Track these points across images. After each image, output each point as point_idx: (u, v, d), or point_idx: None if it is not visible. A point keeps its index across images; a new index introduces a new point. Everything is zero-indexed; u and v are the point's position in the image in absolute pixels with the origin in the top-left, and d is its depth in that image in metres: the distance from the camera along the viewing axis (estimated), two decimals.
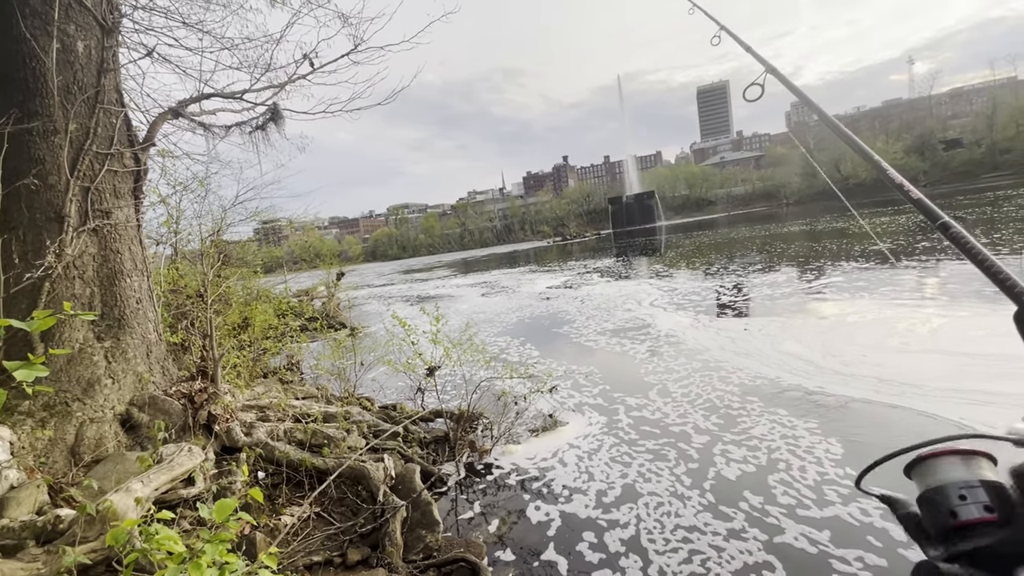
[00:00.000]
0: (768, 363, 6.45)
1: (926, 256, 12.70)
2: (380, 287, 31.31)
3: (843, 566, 2.85)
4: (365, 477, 3.69)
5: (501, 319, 12.91)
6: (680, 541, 3.29)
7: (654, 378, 6.53)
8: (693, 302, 11.43)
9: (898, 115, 74.27)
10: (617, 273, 19.95)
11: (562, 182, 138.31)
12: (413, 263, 67.16)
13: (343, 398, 5.87)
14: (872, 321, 7.70)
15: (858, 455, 4.03)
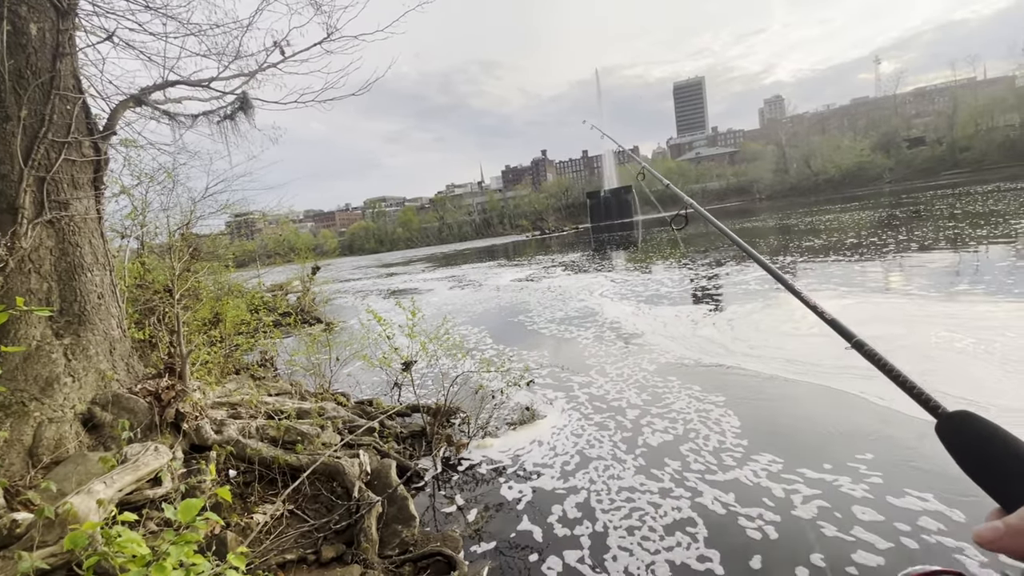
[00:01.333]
0: (689, 346, 7.31)
1: (852, 252, 13.60)
2: (357, 281, 30.91)
3: (747, 522, 3.26)
4: (340, 473, 3.65)
5: (467, 310, 13.56)
6: (623, 501, 3.70)
7: (594, 360, 7.20)
8: (638, 292, 12.46)
9: (865, 113, 76.55)
10: (579, 267, 20.74)
11: (541, 176, 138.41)
12: (391, 257, 66.48)
13: (318, 394, 5.79)
14: (781, 310, 8.64)
15: (753, 425, 4.63)
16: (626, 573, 2.94)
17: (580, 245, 35.13)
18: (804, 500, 3.41)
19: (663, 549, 3.10)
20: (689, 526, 3.30)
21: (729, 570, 2.87)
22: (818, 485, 3.57)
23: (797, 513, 3.28)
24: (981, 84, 71.38)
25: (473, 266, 29.34)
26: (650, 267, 17.81)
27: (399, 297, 19.06)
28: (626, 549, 3.15)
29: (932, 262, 10.98)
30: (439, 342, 5.13)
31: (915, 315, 7.22)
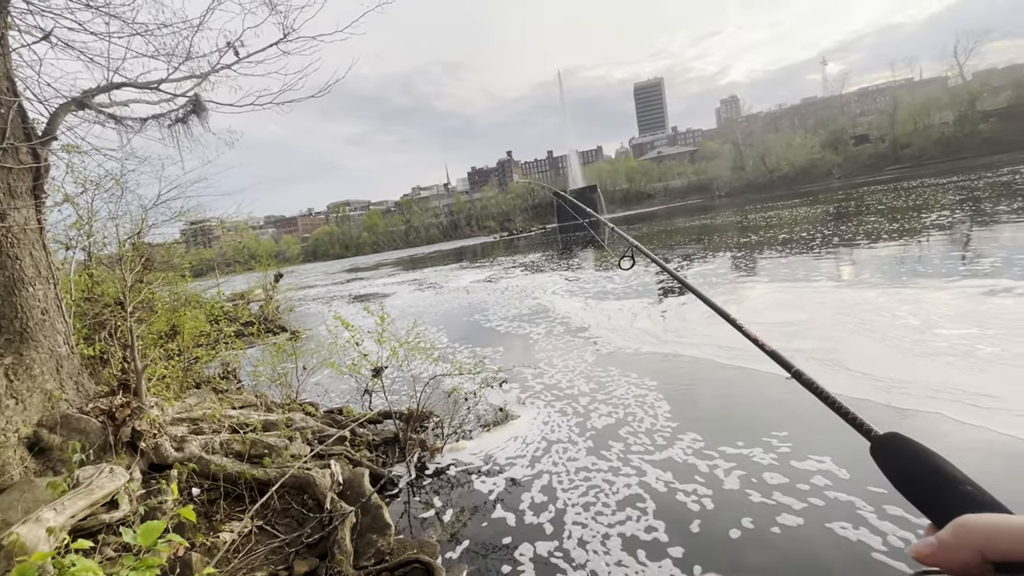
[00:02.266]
0: (628, 337, 7.94)
1: (784, 246, 14.55)
2: (322, 287, 30.23)
3: (685, 496, 3.58)
4: (310, 485, 3.55)
5: (429, 311, 13.97)
6: (581, 480, 4.00)
7: (543, 354, 7.73)
8: (587, 289, 13.23)
9: (815, 112, 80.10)
10: (538, 267, 21.45)
11: (507, 177, 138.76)
12: (357, 262, 65.34)
13: (285, 405, 5.62)
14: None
15: (681, 408, 5.10)
16: (585, 549, 3.18)
17: (545, 245, 35.41)
18: (726, 472, 3.79)
19: (616, 523, 3.39)
20: (639, 501, 3.60)
21: (673, 538, 3.16)
22: (737, 459, 3.95)
23: (726, 485, 3.63)
24: (918, 84, 75.81)
25: (437, 269, 29.50)
26: (603, 265, 18.66)
27: (365, 302, 19.06)
28: (583, 524, 3.43)
29: (845, 255, 12.14)
30: (409, 346, 5.06)
31: (821, 301, 8.16)
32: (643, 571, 2.92)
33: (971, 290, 7.33)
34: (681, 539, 3.14)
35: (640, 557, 3.03)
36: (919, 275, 8.79)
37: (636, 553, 3.07)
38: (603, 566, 3.00)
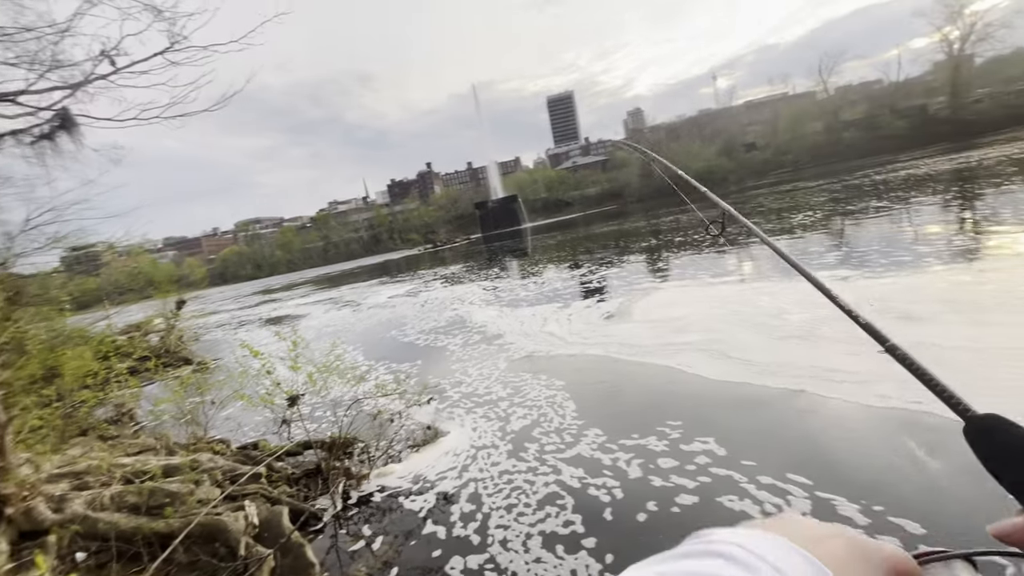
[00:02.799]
0: (538, 341, 8.39)
1: (678, 248, 16.04)
2: (231, 312, 28.05)
3: (596, 490, 3.79)
4: (221, 531, 3.26)
5: (346, 331, 13.81)
6: (504, 483, 4.16)
7: (458, 365, 7.96)
8: (502, 298, 13.75)
9: (709, 123, 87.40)
10: (457, 278, 21.74)
11: (428, 189, 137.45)
12: (271, 282, 61.51)
13: (190, 445, 5.13)
14: (608, 304, 10.21)
15: (586, 405, 5.44)
16: (507, 549, 3.30)
17: (470, 256, 35.49)
18: (627, 463, 4.08)
19: (537, 521, 3.55)
20: (557, 499, 3.78)
21: (588, 529, 3.36)
22: (635, 449, 4.28)
23: (629, 475, 3.92)
24: (793, 98, 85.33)
25: (355, 286, 28.83)
26: (519, 274, 19.32)
27: (278, 325, 18.21)
28: (506, 526, 3.55)
29: (722, 254, 13.50)
30: (328, 370, 4.82)
31: (701, 298, 9.08)
32: (561, 564, 3.07)
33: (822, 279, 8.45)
34: (595, 529, 3.34)
35: (559, 551, 3.19)
36: (776, 270, 10.00)
37: (555, 548, 3.23)
38: (522, 565, 3.11)
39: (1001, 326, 5.10)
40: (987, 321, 5.33)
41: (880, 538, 0.46)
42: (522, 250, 31.40)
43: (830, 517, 3.00)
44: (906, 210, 14.22)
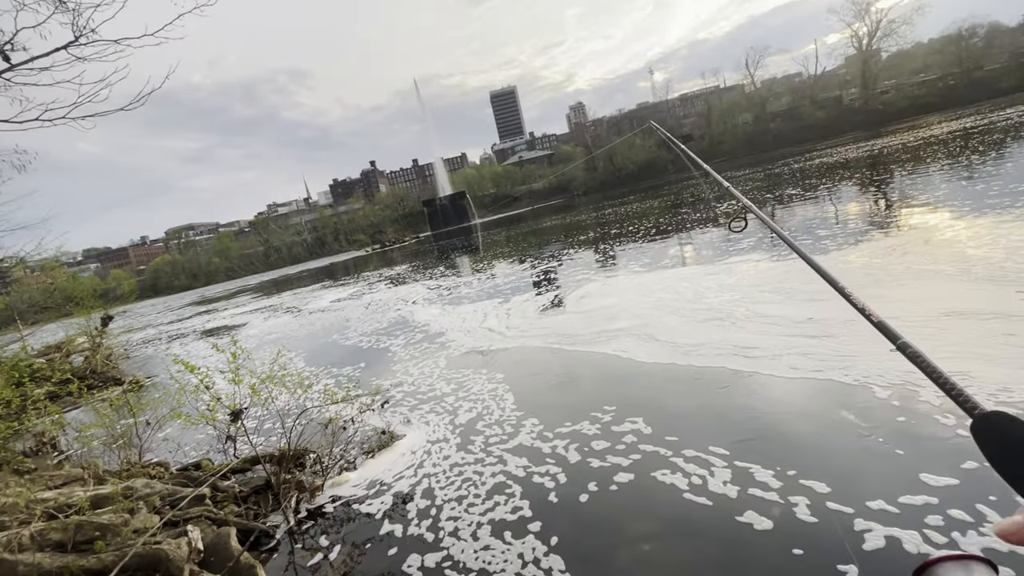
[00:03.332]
0: (478, 337, 8.54)
1: (633, 239, 16.30)
2: (167, 325, 26.30)
3: (540, 477, 3.93)
4: (162, 561, 3.05)
5: (289, 337, 13.49)
6: (455, 476, 4.25)
7: (400, 365, 8.00)
8: (444, 296, 13.88)
9: (648, 115, 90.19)
10: (402, 278, 21.72)
11: (373, 188, 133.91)
12: (210, 291, 58.19)
13: (123, 471, 4.77)
14: (543, 298, 10.58)
15: (524, 396, 5.63)
16: (460, 539, 3.38)
17: (420, 255, 34.98)
18: (565, 448, 4.26)
19: (487, 510, 3.64)
20: (505, 488, 3.89)
21: (536, 512, 3.50)
22: (571, 435, 4.46)
23: (569, 459, 4.09)
24: (723, 91, 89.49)
25: (296, 292, 28.01)
26: (464, 271, 19.47)
27: (215, 337, 17.36)
28: (456, 517, 3.64)
29: (648, 245, 14.38)
30: (272, 381, 4.60)
31: (628, 287, 9.62)
32: (508, 549, 3.17)
33: (729, 264, 9.36)
34: (542, 514, 3.47)
35: (507, 538, 3.29)
36: (692, 260, 10.91)
37: (503, 535, 3.33)
38: (472, 555, 3.19)
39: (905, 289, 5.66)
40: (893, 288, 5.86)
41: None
42: (471, 247, 31.28)
43: (747, 483, 3.27)
44: (827, 194, 15.34)
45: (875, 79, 66.82)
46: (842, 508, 2.84)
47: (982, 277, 5.70)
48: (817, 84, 72.46)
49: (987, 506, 2.61)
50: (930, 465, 3.04)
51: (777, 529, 2.81)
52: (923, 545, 2.46)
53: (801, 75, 76.58)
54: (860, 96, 67.48)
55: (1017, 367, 3.79)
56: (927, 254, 7.08)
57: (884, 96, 66.25)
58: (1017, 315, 4.59)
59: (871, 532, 2.61)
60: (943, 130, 28.40)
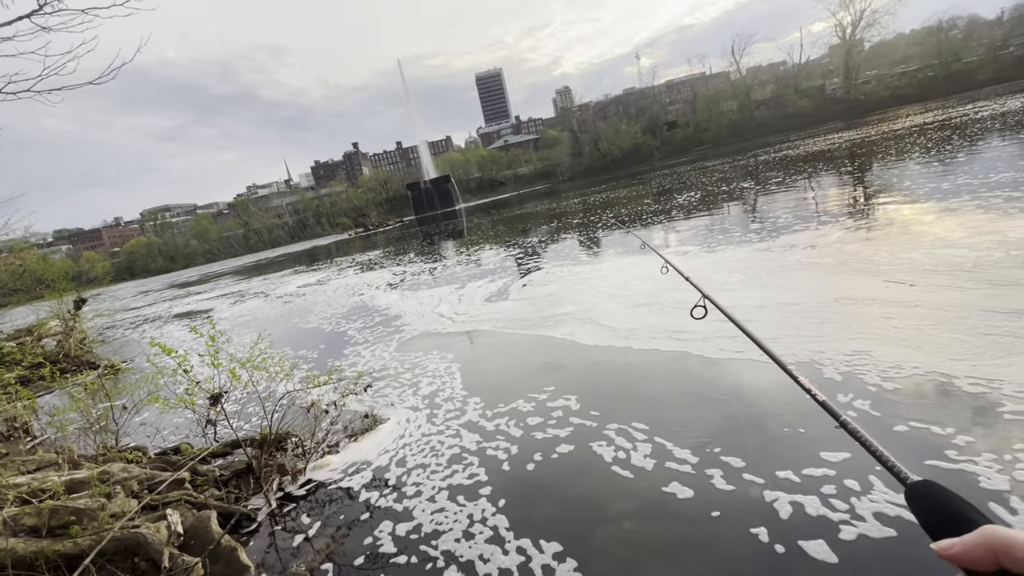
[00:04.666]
0: (430, 321, 8.99)
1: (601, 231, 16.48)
2: (143, 308, 25.71)
3: (493, 451, 4.18)
4: (140, 544, 3.02)
5: (260, 319, 13.91)
6: (424, 444, 4.53)
7: (363, 348, 8.28)
8: (407, 281, 14.37)
9: (634, 101, 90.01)
10: (373, 264, 22.00)
11: (356, 170, 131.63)
12: (188, 274, 56.98)
13: (99, 456, 4.69)
14: (495, 284, 11.05)
15: (471, 375, 5.99)
16: (424, 499, 3.68)
17: (402, 239, 34.65)
18: (507, 425, 4.55)
19: (448, 475, 3.94)
20: (463, 458, 4.17)
21: (490, 478, 3.79)
22: (511, 412, 4.77)
23: (513, 434, 4.39)
24: (709, 78, 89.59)
25: (267, 278, 27.90)
26: (434, 257, 19.70)
27: (188, 320, 17.36)
28: (420, 483, 3.91)
29: (596, 237, 14.92)
30: (253, 365, 4.54)
31: (567, 275, 10.21)
32: (461, 511, 3.46)
33: (653, 257, 9.88)
34: (496, 478, 3.79)
35: (460, 500, 3.59)
36: (622, 253, 11.48)
37: (457, 498, 3.62)
38: (428, 515, 3.47)
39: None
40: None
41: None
42: (454, 232, 31.07)
43: (665, 458, 3.55)
44: (807, 182, 15.55)
45: (857, 69, 67.55)
46: (755, 479, 3.13)
47: (857, 269, 6.48)
48: (801, 73, 72.95)
49: (875, 475, 2.92)
50: (827, 443, 3.30)
51: (697, 496, 3.10)
52: (820, 508, 2.78)
53: (786, 63, 76.98)
54: (842, 86, 68.20)
55: (903, 346, 4.26)
56: (819, 248, 7.87)
57: (866, 86, 67.07)
58: (890, 301, 5.24)
59: (778, 500, 2.91)
60: (908, 124, 29.00)
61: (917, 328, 4.50)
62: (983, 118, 21.94)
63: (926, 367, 3.89)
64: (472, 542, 3.16)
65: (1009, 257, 5.60)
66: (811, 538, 2.59)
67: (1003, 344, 3.92)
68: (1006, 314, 4.35)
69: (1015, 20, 61.80)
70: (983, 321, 4.32)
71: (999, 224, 6.85)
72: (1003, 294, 4.76)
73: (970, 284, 5.15)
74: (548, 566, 2.81)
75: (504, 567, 2.88)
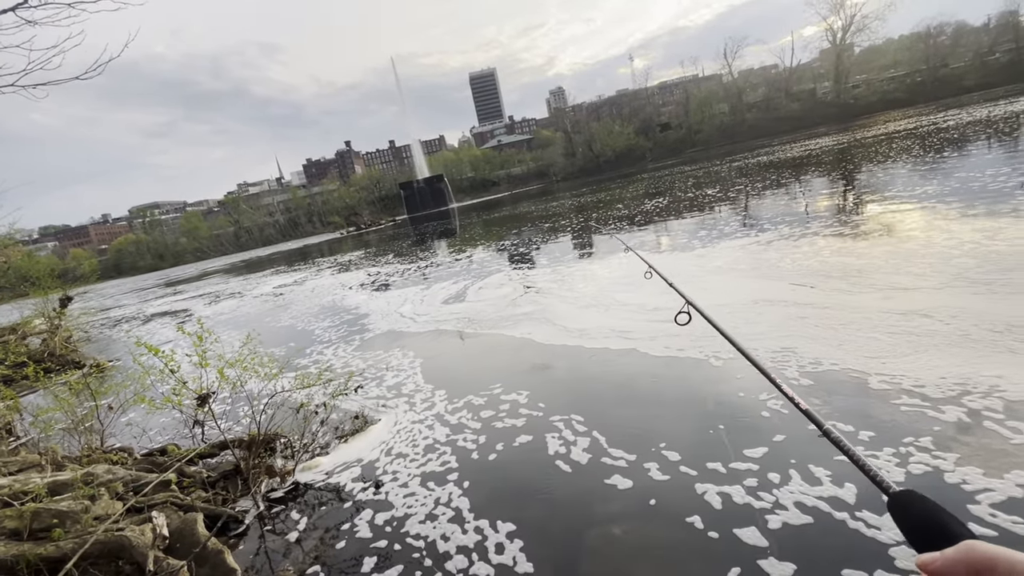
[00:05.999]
0: (392, 321, 9.35)
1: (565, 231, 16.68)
2: (130, 307, 25.37)
3: (465, 442, 4.37)
4: (124, 547, 2.98)
5: (236, 319, 14.23)
6: (409, 433, 4.75)
7: (331, 347, 8.55)
8: (380, 282, 14.82)
9: (627, 102, 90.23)
10: (351, 265, 22.39)
11: (348, 169, 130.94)
12: (178, 272, 56.41)
13: (83, 457, 4.62)
14: (457, 285, 11.47)
15: (432, 372, 6.26)
16: (415, 500, 3.70)
17: (396, 239, 34.49)
18: (468, 418, 4.79)
19: (439, 479, 3.95)
20: (436, 448, 4.38)
21: (460, 463, 4.03)
22: (470, 406, 5.03)
23: (472, 425, 4.64)
24: (702, 80, 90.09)
25: (247, 277, 28.07)
26: (414, 258, 19.94)
27: (165, 318, 17.52)
28: (410, 485, 3.92)
29: (562, 242, 15.18)
30: (242, 365, 4.49)
31: (518, 278, 10.72)
32: (430, 495, 3.67)
33: (596, 262, 10.86)
34: (465, 463, 4.03)
35: (430, 486, 3.80)
36: (572, 259, 11.98)
37: (427, 484, 3.82)
38: (417, 517, 3.50)
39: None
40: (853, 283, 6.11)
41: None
42: (446, 232, 31.00)
43: (600, 452, 3.76)
44: (798, 185, 15.69)
45: (847, 73, 68.30)
46: (689, 471, 3.32)
47: (766, 275, 7.13)
48: (792, 76, 73.61)
49: (793, 469, 3.13)
50: (754, 437, 3.54)
51: (636, 486, 3.29)
52: (746, 496, 2.97)
53: (777, 67, 77.63)
54: (833, 90, 68.91)
55: (823, 343, 4.65)
56: (740, 255, 8.57)
57: (855, 90, 67.83)
58: (799, 302, 5.78)
59: (707, 490, 3.11)
60: (882, 131, 29.42)
61: (833, 328, 4.92)
62: (949, 127, 22.26)
63: (843, 363, 4.24)
64: (458, 540, 3.14)
65: (888, 265, 6.38)
66: (743, 525, 2.77)
67: (910, 343, 4.32)
68: (901, 315, 4.85)
69: (1001, 27, 62.82)
70: (883, 321, 4.81)
71: (892, 236, 7.66)
72: (893, 296, 5.34)
73: (858, 288, 5.79)
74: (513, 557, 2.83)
75: (504, 566, 2.88)
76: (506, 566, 2.88)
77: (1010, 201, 7.96)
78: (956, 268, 5.71)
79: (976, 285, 5.14)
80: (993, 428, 3.11)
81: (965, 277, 5.40)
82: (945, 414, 3.34)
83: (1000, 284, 5.05)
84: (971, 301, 4.81)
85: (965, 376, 3.69)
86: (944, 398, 3.51)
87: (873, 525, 2.59)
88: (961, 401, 3.43)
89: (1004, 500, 2.57)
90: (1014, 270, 5.30)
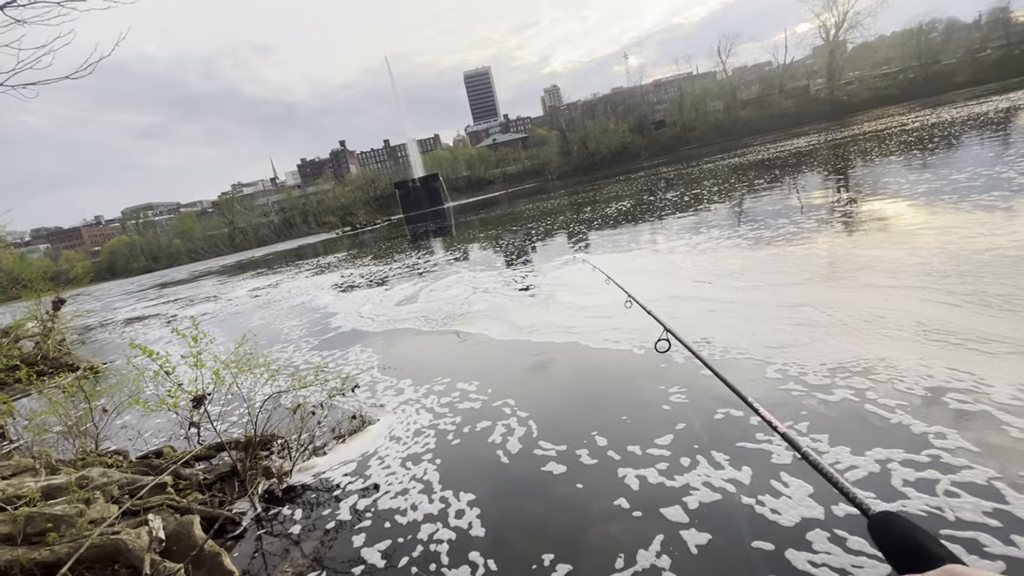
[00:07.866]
0: (355, 321, 9.77)
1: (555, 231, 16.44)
2: (124, 309, 25.20)
3: (446, 428, 4.59)
4: (120, 551, 2.95)
5: (212, 322, 14.43)
6: (414, 450, 4.55)
7: (300, 346, 8.91)
8: (352, 283, 15.50)
9: (622, 100, 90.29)
10: (329, 267, 23.02)
11: (343, 168, 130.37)
12: (172, 273, 56.11)
13: (77, 460, 4.57)
14: (423, 282, 12.18)
15: (396, 366, 6.58)
16: (412, 501, 3.70)
17: (390, 239, 34.38)
18: (437, 404, 5.12)
19: (411, 447, 4.36)
20: (413, 434, 4.64)
21: (440, 452, 4.21)
22: (443, 393, 5.36)
23: (443, 412, 4.91)
24: (696, 78, 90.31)
25: (232, 279, 28.39)
26: (385, 260, 20.47)
27: (145, 324, 17.52)
28: (407, 487, 3.92)
29: (536, 246, 15.12)
30: (238, 366, 4.46)
31: (470, 280, 11.25)
32: (445, 508, 3.59)
33: (545, 266, 11.32)
34: (444, 452, 4.22)
35: (445, 500, 3.74)
36: (519, 263, 12.49)
37: (441, 499, 3.75)
38: (416, 517, 3.52)
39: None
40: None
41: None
42: (440, 230, 30.96)
43: (541, 434, 4.09)
44: (792, 182, 15.75)
45: (840, 70, 68.55)
46: (614, 455, 3.58)
47: (671, 274, 7.94)
48: (786, 73, 73.81)
49: (699, 454, 3.41)
50: (671, 425, 3.84)
51: (569, 471, 3.53)
52: (659, 476, 3.25)
53: (771, 64, 77.84)
54: (826, 87, 69.17)
55: (735, 333, 5.08)
56: (654, 256, 9.49)
57: (848, 87, 68.12)
58: (706, 298, 6.39)
59: (627, 473, 3.36)
60: (877, 126, 29.53)
61: (742, 319, 5.41)
62: (931, 125, 22.40)
63: (749, 352, 4.64)
64: (459, 542, 3.13)
65: (767, 264, 7.22)
66: (667, 504, 2.98)
67: (807, 331, 4.79)
68: (791, 307, 5.41)
69: (992, 23, 63.22)
70: (778, 313, 5.34)
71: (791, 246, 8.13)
72: (779, 291, 6.00)
73: (748, 284, 6.53)
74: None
75: (503, 568, 2.87)
76: (506, 566, 2.88)
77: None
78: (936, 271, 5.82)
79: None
80: (870, 406, 3.51)
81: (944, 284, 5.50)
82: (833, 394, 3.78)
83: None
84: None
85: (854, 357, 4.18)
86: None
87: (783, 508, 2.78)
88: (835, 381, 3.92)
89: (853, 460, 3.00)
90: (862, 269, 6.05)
